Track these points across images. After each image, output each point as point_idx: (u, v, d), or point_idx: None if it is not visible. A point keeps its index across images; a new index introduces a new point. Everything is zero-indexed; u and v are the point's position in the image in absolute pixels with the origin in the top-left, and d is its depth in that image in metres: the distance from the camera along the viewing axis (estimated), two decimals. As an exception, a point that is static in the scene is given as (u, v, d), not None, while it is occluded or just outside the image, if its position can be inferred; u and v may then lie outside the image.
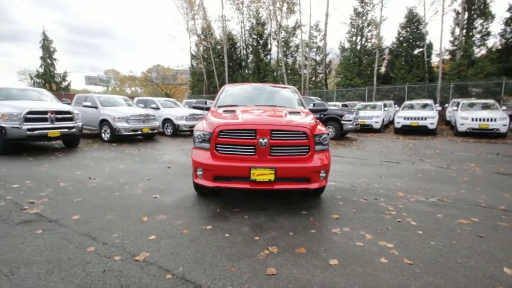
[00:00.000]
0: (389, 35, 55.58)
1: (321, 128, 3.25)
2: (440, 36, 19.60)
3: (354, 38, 22.86)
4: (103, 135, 8.83)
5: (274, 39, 27.39)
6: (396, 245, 2.34)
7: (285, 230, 2.62)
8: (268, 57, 28.78)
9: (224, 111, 3.54)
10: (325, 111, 4.62)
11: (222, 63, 28.83)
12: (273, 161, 2.88)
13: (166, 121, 10.93)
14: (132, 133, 8.67)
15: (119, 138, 8.84)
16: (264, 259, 2.09)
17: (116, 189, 3.84)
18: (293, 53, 27.13)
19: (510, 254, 2.22)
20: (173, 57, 79.80)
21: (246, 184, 2.90)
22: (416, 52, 20.56)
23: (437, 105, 13.03)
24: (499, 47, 17.83)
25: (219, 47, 30.55)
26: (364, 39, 22.54)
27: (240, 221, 2.81)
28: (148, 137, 9.81)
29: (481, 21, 18.02)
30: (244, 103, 4.17)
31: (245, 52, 29.71)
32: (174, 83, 39.34)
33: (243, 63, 30.19)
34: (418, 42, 20.55)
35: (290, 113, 3.43)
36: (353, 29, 22.74)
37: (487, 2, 17.74)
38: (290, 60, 27.50)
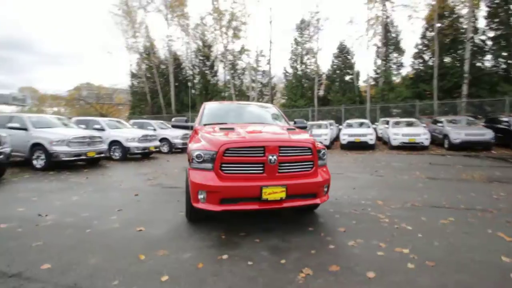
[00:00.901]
0: (326, 62, 62.31)
1: (318, 143, 3.34)
2: (368, 65, 22.95)
3: (295, 64, 25.00)
4: (34, 162, 7.33)
5: (221, 61, 27.93)
6: (411, 250, 2.48)
7: (304, 249, 2.52)
8: (215, 78, 29.07)
9: (220, 128, 3.35)
10: (305, 128, 4.80)
11: (168, 83, 27.85)
12: (282, 178, 2.80)
13: (114, 143, 9.78)
14: (74, 158, 7.44)
15: (56, 165, 7.45)
16: (306, 283, 1.95)
17: (83, 226, 3.16)
18: (240, 75, 28.00)
19: (496, 245, 2.57)
20: (107, 74, 73.59)
21: (255, 204, 2.74)
22: (347, 78, 23.57)
23: (376, 123, 14.90)
24: (411, 75, 21.84)
25: (163, 66, 29.57)
26: (304, 65, 24.85)
27: (254, 246, 2.60)
28: (92, 163, 8.55)
29: (396, 54, 21.94)
30: (230, 121, 4.02)
31: (191, 73, 29.40)
32: (110, 103, 35.98)
33: (190, 84, 29.73)
34: (348, 70, 23.66)
35: (288, 129, 3.44)
36: (294, 56, 24.92)
37: (399, 40, 21.79)
38: (237, 82, 28.26)
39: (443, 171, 6.99)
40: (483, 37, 19.87)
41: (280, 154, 2.80)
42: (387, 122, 13.92)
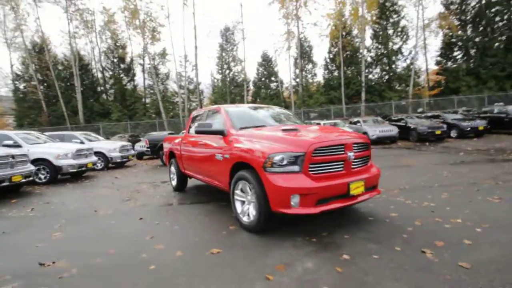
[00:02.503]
0: (253, 69, 63.30)
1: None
2: (289, 74, 25.40)
3: (223, 70, 25.25)
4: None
5: (140, 64, 25.37)
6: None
7: (389, 234, 2.75)
8: (133, 83, 26.14)
9: (283, 130, 3.20)
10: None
11: (71, 88, 23.24)
12: (356, 174, 2.96)
13: (37, 162, 7.53)
14: (78, 169, 7.82)
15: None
16: (433, 258, 2.17)
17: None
18: (163, 80, 26.12)
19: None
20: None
21: (343, 201, 2.80)
22: (273, 85, 25.46)
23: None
24: (323, 84, 25.46)
25: (61, 67, 24.50)
26: (232, 72, 25.38)
27: (354, 241, 2.65)
28: (10, 191, 6.39)
29: (310, 65, 25.17)
30: (263, 123, 3.88)
31: (101, 75, 25.46)
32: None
33: (100, 88, 25.67)
34: (273, 78, 25.59)
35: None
36: (221, 62, 25.12)
37: (312, 53, 25.10)
38: (161, 87, 26.24)
39: (389, 160, 8.56)
40: (372, 54, 25.17)
41: (354, 151, 2.96)
42: (356, 122, 15.50)
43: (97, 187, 6.78)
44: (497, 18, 22.33)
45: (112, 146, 10.72)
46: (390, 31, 24.49)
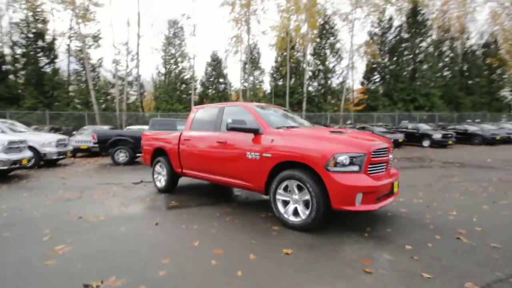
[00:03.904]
0: (202, 68, 58.58)
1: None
2: (240, 78, 25.60)
3: (169, 66, 23.65)
4: None
5: (67, 45, 21.46)
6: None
7: (405, 227, 3.22)
8: (53, 66, 21.81)
9: (331, 132, 3.31)
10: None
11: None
12: (391, 174, 3.34)
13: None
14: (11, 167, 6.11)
15: None
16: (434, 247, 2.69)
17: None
18: (95, 67, 22.70)
19: (466, 201, 4.41)
20: None
21: (389, 198, 3.12)
22: (221, 86, 25.22)
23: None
24: (269, 92, 26.62)
25: None
26: (179, 68, 24.01)
27: (394, 238, 2.99)
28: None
29: (258, 72, 26.00)
30: (289, 124, 3.96)
31: (11, 52, 20.43)
32: None
33: (7, 67, 20.55)
34: (221, 79, 25.37)
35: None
36: (167, 57, 23.50)
37: (259, 60, 25.97)
38: (92, 75, 22.71)
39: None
40: (312, 68, 27.69)
41: (390, 153, 3.34)
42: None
43: (49, 189, 5.50)
44: (406, 52, 27.76)
45: (46, 140, 8.77)
46: (328, 51, 27.51)
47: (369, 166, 2.92)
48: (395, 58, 27.84)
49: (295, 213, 3.17)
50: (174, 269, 2.23)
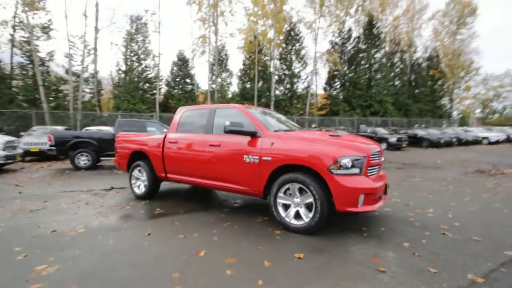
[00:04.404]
0: (167, 67, 55.54)
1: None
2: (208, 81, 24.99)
3: (131, 63, 22.19)
4: None
5: (11, 35, 18.82)
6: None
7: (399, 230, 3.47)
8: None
9: (330, 135, 3.38)
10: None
11: None
12: (382, 178, 3.54)
13: None
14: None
15: None
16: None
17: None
18: (45, 61, 20.26)
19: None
20: None
21: (383, 199, 3.30)
22: (188, 87, 24.42)
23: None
24: (237, 94, 26.53)
25: None
26: (142, 66, 22.67)
27: (391, 237, 3.18)
28: None
29: (226, 74, 25.76)
30: (285, 128, 3.99)
31: None
32: None
33: None
34: (188, 80, 24.58)
35: None
36: (129, 53, 22.04)
37: (227, 62, 25.78)
38: (41, 69, 20.25)
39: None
40: (279, 73, 28.35)
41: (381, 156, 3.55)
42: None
43: (3, 200, 4.74)
44: (363, 62, 30.00)
45: (-11, 142, 7.57)
46: (293, 56, 28.46)
47: (369, 168, 3.07)
48: (353, 67, 29.89)
49: (297, 216, 3.18)
50: (189, 284, 2.07)
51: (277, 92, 27.82)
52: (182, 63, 24.38)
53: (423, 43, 36.33)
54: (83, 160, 8.45)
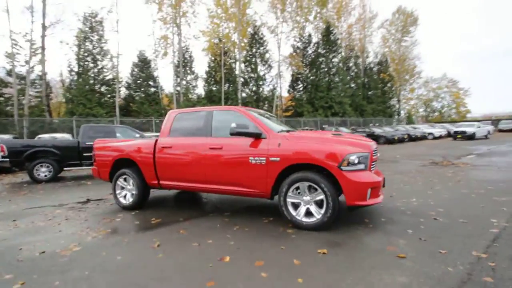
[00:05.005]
0: (127, 69, 50.58)
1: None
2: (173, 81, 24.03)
3: (86, 64, 20.37)
4: None
5: None
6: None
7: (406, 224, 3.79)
8: None
9: (333, 134, 3.52)
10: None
11: None
12: (378, 173, 3.81)
13: None
14: None
15: None
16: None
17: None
18: (-22, 60, 17.56)
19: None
20: None
21: (382, 193, 3.55)
22: (151, 90, 23.23)
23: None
24: (203, 96, 26.02)
25: None
26: (99, 67, 20.95)
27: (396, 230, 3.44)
28: None
29: (192, 76, 25.11)
30: (284, 128, 4.07)
31: None
32: None
33: None
34: (151, 82, 23.40)
35: None
36: (84, 54, 20.22)
37: (192, 64, 25.16)
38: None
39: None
40: (245, 76, 28.54)
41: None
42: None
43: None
44: (322, 66, 31.74)
45: None
46: (258, 59, 28.93)
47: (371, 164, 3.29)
48: (314, 70, 31.46)
49: (307, 214, 3.27)
50: (227, 290, 2.01)
51: (244, 95, 27.99)
52: (144, 64, 23.13)
53: (374, 49, 39.84)
54: (43, 171, 7.53)
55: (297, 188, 3.30)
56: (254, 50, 28.58)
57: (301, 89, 32.53)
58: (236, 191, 3.71)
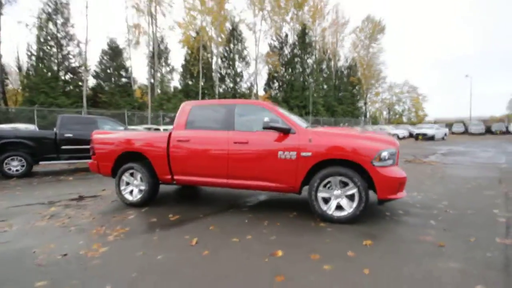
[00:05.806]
0: (96, 56, 46.61)
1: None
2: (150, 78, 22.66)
3: (49, 49, 18.38)
4: None
5: None
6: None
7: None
8: None
9: (361, 131, 3.61)
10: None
11: None
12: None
13: None
14: None
15: None
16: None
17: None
18: None
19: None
20: None
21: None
22: (122, 80, 21.75)
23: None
24: (180, 90, 25.06)
25: None
26: (64, 53, 19.04)
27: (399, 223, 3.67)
28: None
29: (167, 69, 24.05)
30: (305, 124, 4.09)
31: None
32: None
33: None
34: (122, 72, 21.91)
35: None
36: (47, 37, 18.22)
37: (168, 56, 24.10)
38: None
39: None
40: (222, 71, 28.10)
41: (392, 150, 4.03)
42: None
43: None
44: (298, 66, 32.53)
45: None
46: (236, 56, 28.69)
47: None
48: (290, 70, 32.12)
49: (337, 208, 3.35)
50: (302, 284, 1.98)
51: (221, 90, 27.57)
52: (115, 53, 21.57)
53: (345, 54, 41.81)
54: (14, 166, 6.68)
55: (328, 183, 3.36)
56: (232, 46, 28.27)
57: (276, 87, 32.99)
58: (261, 186, 3.66)
